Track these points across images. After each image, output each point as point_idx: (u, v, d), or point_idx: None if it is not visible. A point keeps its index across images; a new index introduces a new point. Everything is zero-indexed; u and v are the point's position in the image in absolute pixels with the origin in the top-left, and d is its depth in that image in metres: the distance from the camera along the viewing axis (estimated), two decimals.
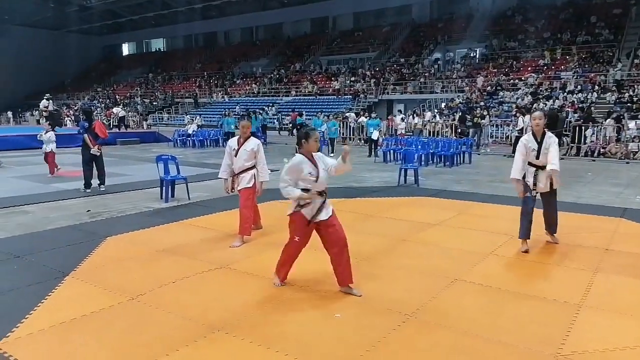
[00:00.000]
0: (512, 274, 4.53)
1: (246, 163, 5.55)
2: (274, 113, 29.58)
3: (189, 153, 16.90)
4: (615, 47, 25.58)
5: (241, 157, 5.57)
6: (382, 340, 3.20)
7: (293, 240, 4.06)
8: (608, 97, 21.42)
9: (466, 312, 3.66)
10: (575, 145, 15.22)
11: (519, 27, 30.91)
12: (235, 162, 5.60)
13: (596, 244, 5.39)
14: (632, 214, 6.87)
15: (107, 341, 3.21)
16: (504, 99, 24.21)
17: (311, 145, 3.96)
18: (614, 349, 3.06)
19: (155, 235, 5.81)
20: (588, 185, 9.90)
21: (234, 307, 3.73)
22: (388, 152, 14.78)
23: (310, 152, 3.97)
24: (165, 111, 35.79)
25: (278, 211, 7.10)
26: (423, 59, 31.82)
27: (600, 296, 3.91)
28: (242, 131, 5.61)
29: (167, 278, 4.31)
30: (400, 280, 4.35)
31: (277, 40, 42.88)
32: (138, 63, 50.20)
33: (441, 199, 8.26)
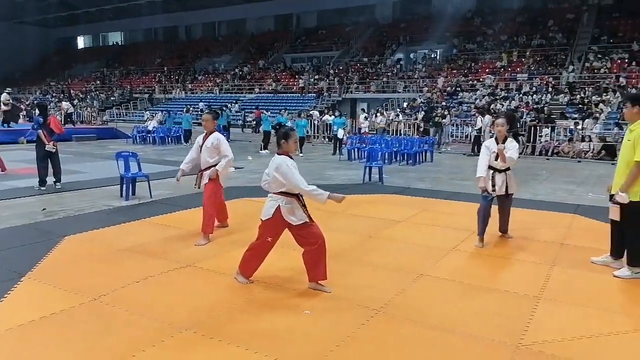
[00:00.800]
0: (475, 268, 4.67)
1: (209, 159, 5.48)
2: (237, 110, 29.25)
3: (149, 150, 16.47)
4: (568, 50, 26.75)
5: (204, 153, 5.50)
6: (351, 336, 3.23)
7: (265, 241, 4.01)
8: (561, 99, 22.40)
9: (432, 306, 3.75)
10: (530, 144, 15.80)
11: (477, 30, 31.82)
12: (201, 158, 5.54)
13: (552, 239, 5.62)
14: (585, 210, 7.21)
15: (69, 343, 3.10)
16: (463, 99, 24.88)
17: (290, 146, 3.92)
18: (571, 339, 3.21)
19: (116, 234, 5.64)
20: (544, 182, 10.32)
21: (201, 306, 3.67)
22: (352, 150, 14.91)
23: (289, 152, 3.93)
24: (122, 107, 34.72)
25: (244, 208, 7.05)
26: (386, 58, 32.24)
27: (557, 288, 4.09)
28: (204, 125, 5.53)
29: (130, 278, 4.19)
30: (367, 276, 4.40)
31: (240, 36, 42.37)
32: (94, 57, 48.43)
33: (405, 196, 8.40)
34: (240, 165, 12.20)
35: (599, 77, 23.55)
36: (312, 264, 3.95)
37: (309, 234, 3.91)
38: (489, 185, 5.25)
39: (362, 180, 10.12)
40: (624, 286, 4.18)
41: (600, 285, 4.19)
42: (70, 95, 37.43)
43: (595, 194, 8.68)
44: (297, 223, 3.87)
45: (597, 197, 8.16)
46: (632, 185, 4.10)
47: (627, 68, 23.46)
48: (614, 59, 24.50)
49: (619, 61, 24.21)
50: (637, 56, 24.16)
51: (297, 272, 4.39)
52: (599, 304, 3.79)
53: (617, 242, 4.50)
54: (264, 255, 4.10)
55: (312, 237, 3.91)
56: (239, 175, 10.79)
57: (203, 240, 5.30)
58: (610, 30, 27.10)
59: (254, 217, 6.40)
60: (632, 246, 4.30)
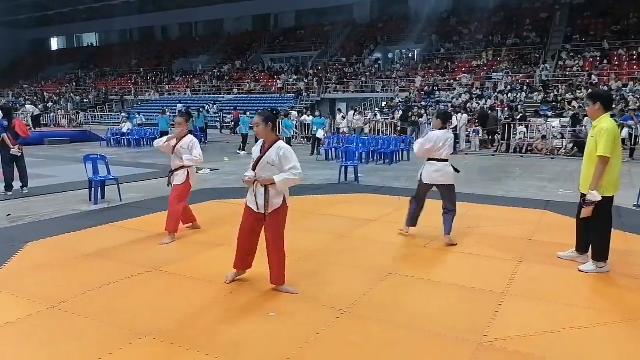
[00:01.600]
0: (443, 266, 4.68)
1: (180, 161, 5.48)
2: (216, 111, 28.99)
3: (124, 153, 16.19)
4: (542, 49, 27.23)
5: (176, 155, 5.50)
6: (315, 337, 3.19)
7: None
8: (535, 97, 22.77)
9: (398, 305, 3.74)
10: (505, 142, 16.01)
11: (454, 30, 32.17)
12: (172, 160, 5.53)
13: (521, 235, 5.68)
14: (555, 206, 7.31)
15: (24, 354, 2.99)
16: (440, 98, 25.10)
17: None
18: (534, 334, 3.22)
19: (82, 239, 5.49)
20: (517, 180, 10.45)
21: (164, 311, 3.59)
22: (330, 150, 14.90)
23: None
24: (98, 109, 34.10)
25: (216, 210, 6.96)
26: (364, 58, 32.35)
27: (523, 284, 4.12)
28: (176, 127, 5.54)
29: (92, 284, 4.07)
30: (336, 276, 4.37)
31: (218, 36, 42.03)
32: (68, 58, 47.47)
33: (380, 196, 8.41)
34: (216, 167, 12.09)
35: (571, 75, 24.04)
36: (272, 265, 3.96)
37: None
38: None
39: (338, 180, 10.10)
40: (588, 280, 4.24)
41: (566, 280, 4.24)
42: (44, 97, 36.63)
43: (565, 190, 8.81)
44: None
45: (567, 193, 8.28)
46: (599, 181, 4.15)
47: (599, 66, 23.99)
48: (586, 57, 25.03)
49: (591, 59, 24.76)
50: (608, 54, 24.74)
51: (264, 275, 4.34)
52: (564, 298, 3.82)
53: (582, 237, 4.56)
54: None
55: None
56: (214, 177, 10.68)
57: (167, 239, 5.26)
58: (582, 29, 27.69)
59: (224, 219, 6.39)
60: (597, 241, 4.35)
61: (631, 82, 21.84)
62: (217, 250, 5.07)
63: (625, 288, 4.07)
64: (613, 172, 4.16)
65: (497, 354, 2.98)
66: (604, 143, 4.04)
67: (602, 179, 4.11)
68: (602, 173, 4.09)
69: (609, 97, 4.46)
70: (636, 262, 4.71)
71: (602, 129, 4.10)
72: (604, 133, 4.06)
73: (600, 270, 4.35)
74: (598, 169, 4.10)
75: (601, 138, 4.06)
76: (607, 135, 4.05)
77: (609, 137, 4.05)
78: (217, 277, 4.23)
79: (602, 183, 4.13)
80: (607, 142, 4.04)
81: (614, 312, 3.59)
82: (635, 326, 3.37)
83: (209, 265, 4.58)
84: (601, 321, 3.43)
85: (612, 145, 4.06)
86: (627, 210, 7.18)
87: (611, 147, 4.05)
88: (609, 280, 4.24)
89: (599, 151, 4.07)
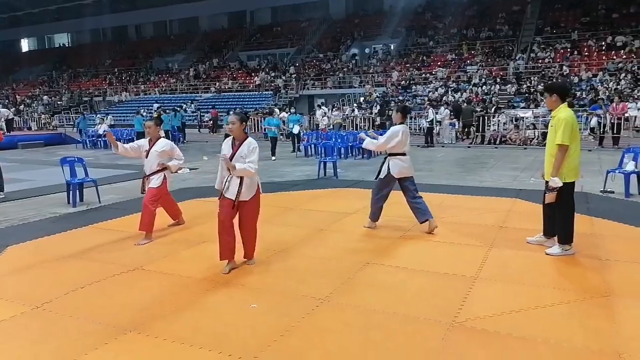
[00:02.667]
0: (418, 254, 4.86)
1: (156, 166, 5.51)
2: (193, 110, 28.81)
3: (101, 154, 16.04)
4: (515, 42, 27.78)
5: (152, 159, 5.51)
6: (295, 325, 3.32)
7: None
8: (509, 89, 23.27)
9: (375, 291, 3.90)
10: (480, 134, 16.36)
11: (428, 24, 32.56)
12: (146, 163, 5.55)
13: (493, 222, 5.91)
14: (526, 194, 7.58)
15: (10, 353, 3.05)
16: (417, 92, 25.43)
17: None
18: (501, 314, 3.42)
19: (62, 242, 5.51)
20: (490, 170, 10.74)
21: (147, 307, 3.67)
22: (309, 146, 15.02)
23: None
24: (72, 111, 33.51)
25: (196, 209, 7.02)
26: (341, 54, 32.51)
27: (493, 268, 4.32)
28: (148, 132, 5.55)
29: (75, 284, 4.13)
30: (315, 267, 4.51)
31: (193, 34, 41.67)
32: (40, 60, 46.40)
33: (358, 189, 8.57)
34: (195, 166, 12.10)
35: (543, 67, 24.62)
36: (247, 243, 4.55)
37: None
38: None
39: (317, 176, 10.24)
40: (554, 263, 4.46)
41: (533, 263, 4.46)
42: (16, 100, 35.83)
43: (536, 178, 9.10)
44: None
45: (538, 182, 8.55)
46: (560, 168, 4.38)
47: (570, 57, 24.62)
48: (557, 49, 25.66)
49: (561, 51, 25.38)
50: (578, 45, 25.40)
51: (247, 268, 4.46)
52: (530, 280, 4.04)
53: (549, 222, 4.79)
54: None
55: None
56: (193, 176, 10.70)
57: (144, 239, 5.31)
58: (553, 21, 28.35)
59: (203, 217, 6.47)
60: (562, 225, 4.59)
61: (600, 72, 22.49)
62: (197, 247, 5.16)
63: (588, 269, 4.31)
64: (572, 159, 4.39)
65: (466, 333, 3.16)
66: (562, 132, 4.27)
67: (562, 166, 4.34)
68: (562, 160, 4.32)
69: (564, 88, 4.70)
70: (600, 245, 4.97)
71: (560, 119, 4.33)
72: (561, 122, 4.29)
73: (566, 253, 4.59)
74: (558, 157, 4.33)
75: (559, 127, 4.29)
76: (564, 124, 4.28)
77: (567, 126, 4.28)
78: (198, 274, 4.33)
79: (563, 170, 4.36)
80: (565, 131, 4.27)
81: (577, 291, 3.81)
82: (594, 303, 3.59)
83: (189, 263, 4.67)
84: (564, 300, 3.65)
85: (570, 133, 4.29)
86: (595, 195, 7.49)
87: (569, 136, 4.28)
88: (573, 261, 4.48)
89: (557, 139, 4.30)
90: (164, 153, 5.50)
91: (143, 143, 5.58)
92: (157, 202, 5.48)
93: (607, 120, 14.68)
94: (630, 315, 3.39)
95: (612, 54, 23.81)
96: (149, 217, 5.33)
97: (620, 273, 4.16)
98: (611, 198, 7.34)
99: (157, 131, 5.58)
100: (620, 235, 5.32)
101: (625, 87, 20.31)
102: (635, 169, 7.62)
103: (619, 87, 20.08)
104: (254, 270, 4.44)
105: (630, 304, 3.57)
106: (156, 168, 5.50)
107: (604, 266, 4.33)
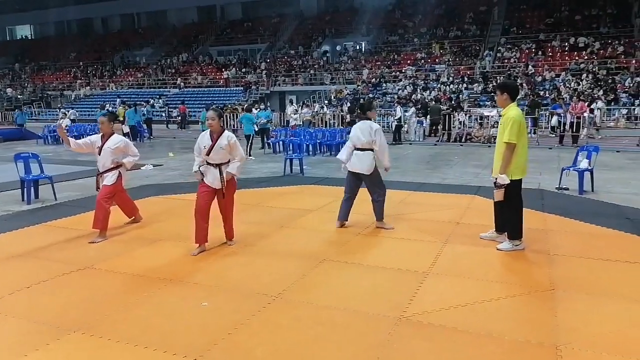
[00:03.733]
0: (374, 250, 4.92)
1: (109, 163, 5.41)
2: (161, 106, 28.28)
3: (62, 150, 15.55)
4: (482, 41, 28.34)
5: (105, 155, 5.39)
6: (245, 323, 3.31)
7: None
8: (475, 88, 23.73)
9: (329, 288, 3.92)
10: (446, 132, 16.63)
11: (398, 22, 32.87)
12: (99, 160, 5.42)
13: (450, 218, 6.03)
14: (485, 191, 7.72)
15: None
16: (387, 90, 25.66)
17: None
18: (449, 308, 3.49)
19: (12, 240, 5.34)
20: (454, 167, 10.94)
21: (95, 307, 3.60)
22: (277, 143, 14.96)
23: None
24: (35, 105, 32.44)
25: (157, 206, 6.91)
26: (312, 51, 32.49)
27: (445, 264, 4.41)
28: (100, 128, 5.43)
29: (21, 283, 4.01)
30: (272, 264, 4.51)
31: (162, 28, 40.88)
32: (1, 52, 44.74)
33: (323, 186, 8.59)
34: (159, 163, 11.90)
35: (509, 67, 25.20)
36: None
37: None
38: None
39: (283, 173, 10.21)
40: (504, 258, 4.59)
41: (484, 258, 4.57)
42: None
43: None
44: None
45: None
46: (507, 166, 4.50)
47: (534, 57, 25.28)
48: (522, 49, 26.30)
49: (527, 51, 26.03)
50: (543, 46, 26.10)
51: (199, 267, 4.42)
52: (479, 275, 4.14)
53: (500, 218, 4.92)
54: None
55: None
56: (156, 173, 10.52)
57: (98, 237, 5.20)
58: (519, 21, 29.04)
59: (162, 214, 6.38)
60: (511, 221, 4.72)
61: (563, 72, 23.18)
62: (153, 245, 5.08)
63: (535, 264, 4.44)
64: (519, 157, 4.53)
65: (413, 327, 3.22)
66: (509, 130, 4.39)
67: (510, 163, 4.46)
68: (510, 158, 4.45)
69: (515, 88, 4.83)
70: (550, 240, 5.13)
71: (509, 117, 4.45)
72: (510, 120, 4.41)
73: (516, 248, 4.72)
74: (505, 155, 4.45)
75: (507, 125, 4.41)
76: (512, 123, 4.40)
77: (514, 124, 4.41)
78: (151, 272, 4.27)
79: (510, 167, 4.48)
80: (513, 129, 4.39)
81: (523, 285, 3.93)
82: (539, 297, 3.71)
83: (143, 261, 4.60)
84: (510, 294, 3.76)
85: (517, 132, 4.41)
86: (550, 192, 7.73)
87: (517, 134, 4.41)
88: (522, 256, 4.61)
89: (505, 137, 4.43)
90: (117, 150, 5.39)
91: (95, 139, 5.44)
92: (111, 199, 5.36)
93: (567, 119, 15.14)
94: (572, 308, 3.51)
95: (574, 54, 24.56)
96: (102, 215, 5.20)
97: (565, 267, 4.31)
98: (565, 195, 7.59)
99: (110, 127, 5.44)
100: (569, 231, 5.50)
101: (586, 87, 21.00)
102: (588, 166, 7.89)
103: (578, 88, 20.74)
104: (209, 267, 4.40)
105: (573, 297, 3.70)
106: (110, 165, 5.39)
107: (551, 261, 4.47)
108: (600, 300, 3.62)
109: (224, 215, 4.93)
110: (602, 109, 18.09)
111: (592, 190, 7.72)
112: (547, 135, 16.72)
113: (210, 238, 4.83)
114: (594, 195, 7.45)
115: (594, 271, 4.23)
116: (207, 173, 4.75)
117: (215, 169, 4.72)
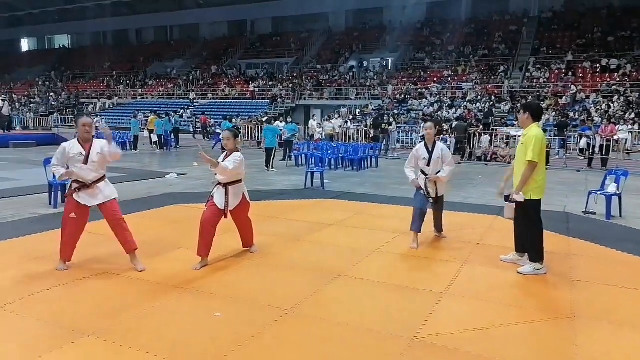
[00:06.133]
0: (390, 268, 4.85)
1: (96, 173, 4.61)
2: (189, 116, 28.85)
3: None
4: (510, 60, 28.05)
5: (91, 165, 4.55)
6: (255, 335, 3.30)
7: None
8: (503, 107, 23.43)
9: (342, 304, 3.88)
10: (471, 150, 16.43)
11: (427, 40, 32.86)
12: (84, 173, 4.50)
13: (470, 239, 5.92)
14: None
15: None
16: (412, 106, 25.58)
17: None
18: (464, 331, 3.41)
19: (36, 242, 5.49)
20: (477, 187, 10.78)
21: (111, 312, 3.65)
22: (300, 156, 15.04)
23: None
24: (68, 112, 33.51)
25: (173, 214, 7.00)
26: (339, 66, 32.72)
27: (463, 285, 4.32)
28: (80, 130, 4.50)
29: (41, 286, 4.10)
30: (287, 278, 4.50)
31: (194, 41, 41.91)
32: (39, 60, 46.59)
33: (343, 201, 8.57)
34: (183, 172, 12.09)
35: (538, 86, 24.84)
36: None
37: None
38: (424, 191, 5.50)
39: (304, 186, 10.24)
40: (524, 282, 4.47)
41: (503, 281, 4.46)
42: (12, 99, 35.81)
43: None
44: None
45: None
46: (525, 184, 4.43)
47: (564, 78, 24.86)
48: (552, 69, 25.91)
49: (556, 71, 25.63)
50: (572, 67, 25.66)
51: (215, 277, 4.45)
52: (498, 298, 4.03)
53: (520, 239, 4.81)
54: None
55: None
56: (180, 181, 10.69)
57: (61, 265, 4.53)
58: (549, 42, 28.66)
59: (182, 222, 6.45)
60: (530, 244, 4.61)
61: (593, 94, 22.70)
62: (171, 253, 5.14)
63: (557, 289, 4.31)
64: (538, 177, 4.46)
65: (426, 349, 3.15)
66: (532, 148, 4.34)
67: (529, 183, 4.40)
68: (529, 176, 4.39)
69: (538, 108, 4.77)
70: (573, 265, 4.97)
71: (531, 136, 4.41)
72: (532, 139, 4.37)
73: (538, 272, 4.59)
74: (525, 173, 4.40)
75: (530, 144, 4.37)
76: (535, 141, 4.36)
77: (537, 143, 4.36)
78: (168, 280, 4.31)
79: (529, 187, 4.42)
80: (535, 148, 4.34)
81: (543, 311, 3.81)
82: (558, 324, 3.59)
83: (161, 268, 4.64)
84: (528, 319, 3.65)
85: (540, 151, 4.36)
86: (576, 216, 7.52)
87: (539, 153, 4.35)
88: (544, 281, 4.48)
89: (527, 156, 4.37)
90: (96, 155, 4.57)
91: (71, 147, 4.54)
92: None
93: (596, 141, 14.78)
94: (592, 337, 3.39)
95: (605, 76, 24.05)
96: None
97: (587, 294, 4.17)
98: (592, 219, 7.37)
99: (90, 131, 4.57)
100: (593, 256, 5.33)
101: (617, 110, 20.49)
102: (617, 191, 7.66)
103: (609, 111, 20.25)
104: (224, 278, 4.42)
105: (594, 325, 3.57)
106: (98, 176, 4.63)
107: (573, 287, 4.33)
108: (623, 330, 3.49)
109: (238, 228, 5.07)
110: (632, 132, 17.58)
111: (620, 216, 7.48)
112: (576, 158, 16.33)
113: (226, 248, 4.87)
114: (622, 221, 7.22)
115: (617, 299, 4.08)
116: (216, 192, 4.77)
117: (222, 188, 4.73)
